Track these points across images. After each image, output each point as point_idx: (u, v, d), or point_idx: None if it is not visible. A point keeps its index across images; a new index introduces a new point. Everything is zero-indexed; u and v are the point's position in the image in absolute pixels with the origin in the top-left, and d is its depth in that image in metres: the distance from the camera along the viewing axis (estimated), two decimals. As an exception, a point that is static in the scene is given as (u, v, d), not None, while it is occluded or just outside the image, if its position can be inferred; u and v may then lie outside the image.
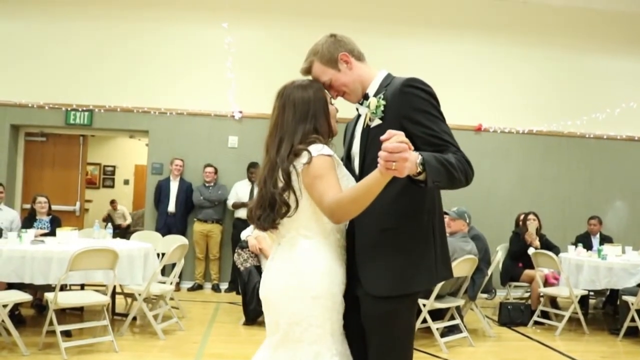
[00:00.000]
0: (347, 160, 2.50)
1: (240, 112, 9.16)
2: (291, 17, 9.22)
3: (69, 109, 9.00)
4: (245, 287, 6.48)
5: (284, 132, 2.28)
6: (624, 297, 6.52)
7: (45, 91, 8.95)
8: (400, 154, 1.87)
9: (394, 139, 1.89)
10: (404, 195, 2.22)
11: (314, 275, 2.24)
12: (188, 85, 9.11)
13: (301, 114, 2.30)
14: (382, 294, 2.24)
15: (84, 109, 9.01)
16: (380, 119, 2.29)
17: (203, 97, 9.15)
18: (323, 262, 2.26)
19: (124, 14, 9.07)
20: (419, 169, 1.99)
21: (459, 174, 2.14)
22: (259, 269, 6.51)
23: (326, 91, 2.42)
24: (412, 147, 1.94)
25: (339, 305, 2.30)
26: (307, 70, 2.46)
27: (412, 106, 2.23)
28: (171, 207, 8.83)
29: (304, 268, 2.26)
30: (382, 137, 1.92)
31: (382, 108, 2.28)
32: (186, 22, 9.15)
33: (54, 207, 7.42)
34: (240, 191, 8.78)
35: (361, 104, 2.42)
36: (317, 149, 2.22)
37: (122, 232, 11.28)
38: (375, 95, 2.35)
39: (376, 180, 1.97)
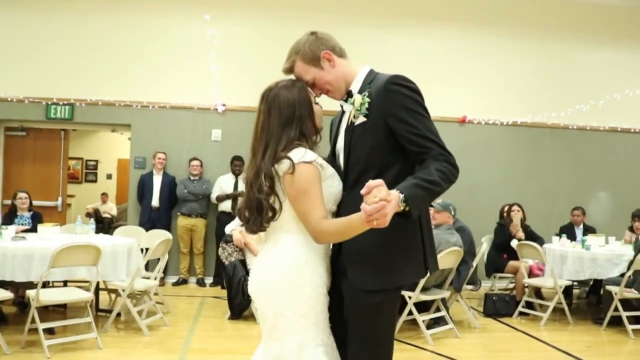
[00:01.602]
0: (333, 157, 2.51)
1: (224, 105, 9.09)
2: (274, 9, 9.15)
3: (49, 102, 8.87)
4: (230, 281, 6.44)
5: (270, 137, 2.30)
6: (608, 287, 6.57)
7: (25, 85, 8.81)
8: (380, 212, 1.91)
9: (373, 194, 1.93)
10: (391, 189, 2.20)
11: (295, 267, 2.29)
12: (171, 79, 9.01)
13: (287, 118, 2.31)
14: (372, 288, 2.26)
15: (65, 102, 8.89)
16: (365, 116, 2.31)
17: (186, 90, 9.06)
18: (304, 254, 2.31)
19: (105, 7, 8.94)
20: (402, 207, 2.03)
21: (442, 185, 2.17)
22: (243, 263, 6.48)
23: (310, 90, 2.42)
24: (390, 199, 1.94)
25: (322, 296, 2.33)
26: (290, 70, 2.45)
27: (396, 104, 2.24)
28: (155, 202, 8.76)
29: (286, 261, 2.31)
30: (362, 192, 1.96)
31: (366, 105, 2.29)
32: (168, 15, 9.05)
33: (35, 203, 7.33)
34: (225, 185, 8.74)
35: (345, 101, 2.42)
36: (299, 155, 2.24)
37: (105, 227, 11.18)
38: (359, 93, 2.35)
39: (360, 225, 2.02)
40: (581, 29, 9.89)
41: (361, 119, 2.32)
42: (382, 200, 1.91)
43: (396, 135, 2.25)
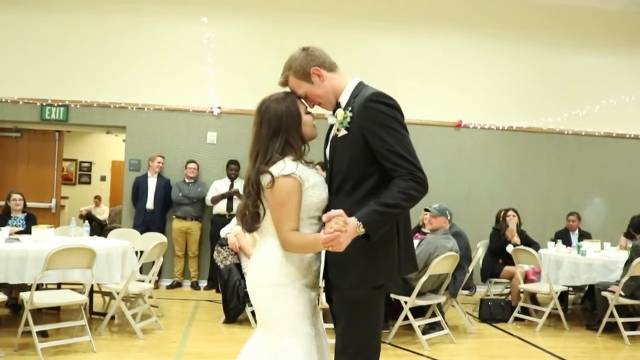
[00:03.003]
0: (325, 160, 2.74)
1: (219, 107, 9.06)
2: (271, 12, 9.13)
3: (44, 104, 8.82)
4: (225, 285, 6.41)
5: (260, 147, 2.54)
6: (603, 293, 6.54)
7: (19, 86, 8.76)
8: (334, 241, 2.24)
9: (330, 224, 2.25)
10: (370, 197, 2.43)
11: (270, 266, 2.54)
12: (166, 81, 8.97)
13: (274, 129, 2.53)
14: (349, 286, 2.49)
15: (60, 104, 8.84)
16: (346, 129, 2.50)
17: (181, 92, 9.02)
18: (281, 257, 2.53)
19: (100, 8, 8.89)
20: (361, 231, 2.31)
21: (403, 206, 2.39)
22: (238, 267, 6.45)
23: (302, 102, 2.63)
24: (346, 229, 2.25)
25: (297, 291, 2.54)
26: (284, 84, 2.67)
27: (374, 120, 2.43)
28: (149, 204, 8.71)
29: (264, 261, 2.57)
30: (323, 218, 2.33)
31: (348, 120, 2.49)
32: (165, 17, 9.02)
33: (28, 204, 7.27)
34: (220, 188, 8.71)
35: (333, 114, 2.61)
36: (279, 169, 2.46)
37: (98, 230, 11.11)
38: (346, 105, 2.55)
39: (319, 246, 2.34)
40: (578, 34, 9.91)
41: (343, 132, 2.52)
42: (336, 231, 2.24)
43: (372, 150, 2.44)
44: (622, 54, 10.05)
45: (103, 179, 14.41)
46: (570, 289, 7.69)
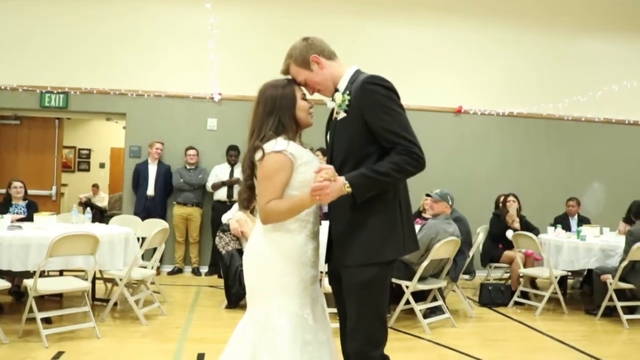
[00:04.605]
0: (326, 145, 2.85)
1: (220, 94, 9.05)
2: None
3: (43, 91, 8.80)
4: (227, 270, 6.45)
5: (255, 126, 2.67)
6: (602, 277, 6.57)
7: (18, 73, 8.73)
8: (321, 190, 2.38)
9: (323, 173, 2.39)
10: None
11: (264, 244, 2.67)
12: (167, 67, 8.95)
13: (269, 109, 2.65)
14: (353, 263, 2.57)
15: (59, 91, 8.82)
16: (345, 112, 2.61)
17: (182, 78, 9.00)
18: (274, 234, 2.64)
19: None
20: (348, 190, 2.44)
21: (393, 175, 2.48)
22: (240, 252, 6.47)
23: (300, 88, 2.75)
24: (336, 179, 2.40)
25: (290, 270, 2.63)
26: (286, 71, 2.79)
27: (371, 101, 2.53)
28: (150, 191, 8.73)
29: (255, 241, 2.72)
30: (315, 170, 2.46)
31: (346, 103, 2.60)
32: (167, 2, 8.98)
33: (29, 192, 7.28)
34: (220, 174, 8.71)
35: (332, 99, 2.72)
36: (270, 145, 2.57)
37: (98, 217, 11.11)
38: (344, 91, 2.64)
39: (307, 201, 2.48)
40: (580, 20, 9.90)
41: (342, 115, 2.62)
42: (325, 180, 2.37)
43: (371, 130, 2.53)
44: (624, 40, 10.03)
45: (102, 166, 14.40)
46: (570, 273, 7.73)
